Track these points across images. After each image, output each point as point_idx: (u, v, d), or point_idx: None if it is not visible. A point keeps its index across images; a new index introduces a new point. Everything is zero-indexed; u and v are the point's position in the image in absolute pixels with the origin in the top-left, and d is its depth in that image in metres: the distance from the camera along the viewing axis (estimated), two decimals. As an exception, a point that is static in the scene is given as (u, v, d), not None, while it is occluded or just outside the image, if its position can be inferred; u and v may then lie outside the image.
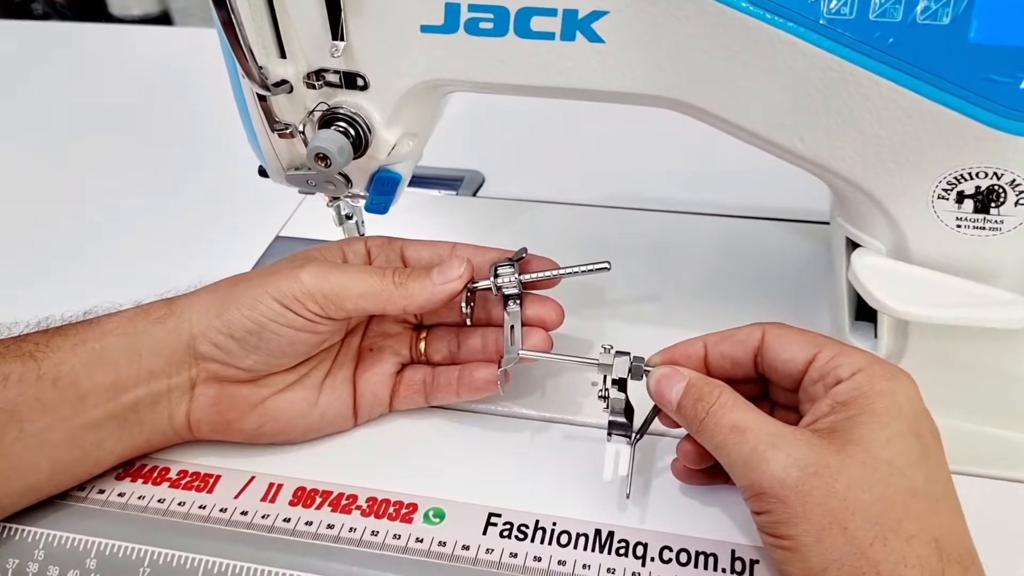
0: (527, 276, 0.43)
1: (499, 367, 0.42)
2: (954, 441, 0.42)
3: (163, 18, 1.50)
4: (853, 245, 0.40)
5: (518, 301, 0.43)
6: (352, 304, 0.40)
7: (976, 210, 0.35)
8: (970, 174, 0.34)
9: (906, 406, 0.33)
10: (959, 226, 0.36)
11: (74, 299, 0.46)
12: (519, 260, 0.44)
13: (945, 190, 0.35)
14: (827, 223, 0.54)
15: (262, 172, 0.48)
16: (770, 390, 0.40)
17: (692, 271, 0.55)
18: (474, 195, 0.65)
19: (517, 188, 0.65)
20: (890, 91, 0.33)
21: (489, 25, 0.37)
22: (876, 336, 0.42)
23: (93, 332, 0.40)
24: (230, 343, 0.40)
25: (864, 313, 0.43)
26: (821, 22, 0.33)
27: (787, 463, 0.32)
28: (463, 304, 0.43)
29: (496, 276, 0.43)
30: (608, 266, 0.43)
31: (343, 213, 0.49)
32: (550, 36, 0.37)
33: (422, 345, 0.46)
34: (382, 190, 0.45)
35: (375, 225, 0.49)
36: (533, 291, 0.44)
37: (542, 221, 0.61)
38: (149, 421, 0.41)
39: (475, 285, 0.43)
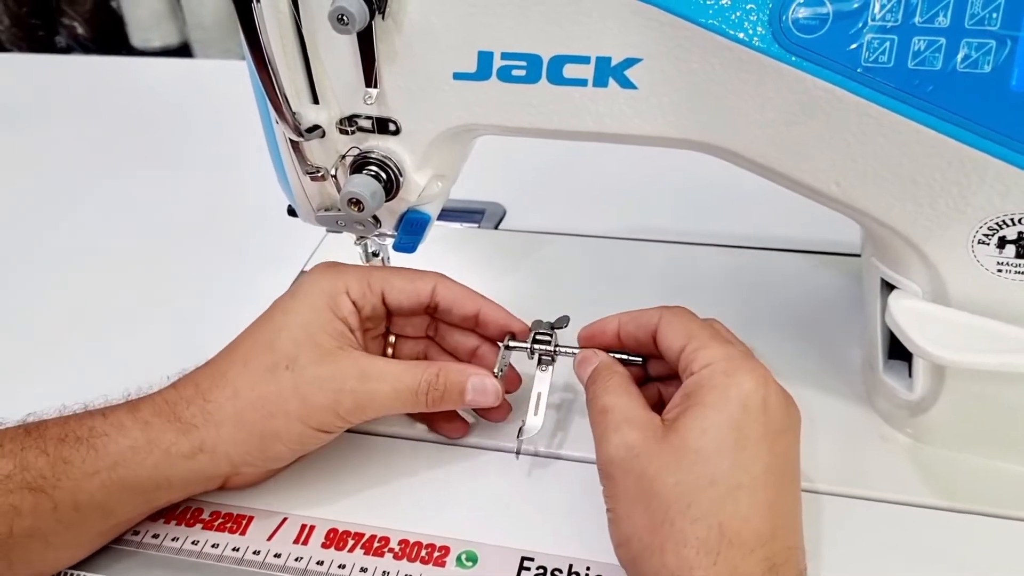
0: (564, 349, 0.44)
1: (519, 435, 0.43)
2: (994, 482, 0.41)
3: (183, 50, 1.51)
4: (888, 286, 0.40)
5: (549, 368, 0.44)
6: (375, 415, 0.41)
7: (1018, 255, 0.35)
8: (1012, 220, 0.34)
9: (734, 399, 0.35)
10: (1000, 271, 0.35)
11: (107, 336, 0.46)
12: (560, 328, 0.44)
13: (986, 235, 0.35)
14: (855, 255, 0.54)
15: (291, 212, 0.48)
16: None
17: (718, 304, 0.54)
18: (496, 227, 0.65)
19: (539, 220, 0.65)
20: (930, 139, 0.33)
21: (522, 72, 0.37)
22: (911, 376, 0.42)
23: (103, 461, 0.38)
24: (268, 464, 0.42)
25: (898, 351, 0.43)
26: (859, 70, 0.33)
27: (619, 445, 0.36)
28: (496, 369, 0.43)
29: (535, 342, 0.44)
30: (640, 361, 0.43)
31: (370, 251, 0.49)
32: (583, 83, 0.37)
33: (389, 351, 0.47)
34: (411, 230, 0.46)
35: (399, 258, 0.50)
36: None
37: (564, 253, 0.60)
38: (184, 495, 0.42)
39: (511, 345, 0.44)
